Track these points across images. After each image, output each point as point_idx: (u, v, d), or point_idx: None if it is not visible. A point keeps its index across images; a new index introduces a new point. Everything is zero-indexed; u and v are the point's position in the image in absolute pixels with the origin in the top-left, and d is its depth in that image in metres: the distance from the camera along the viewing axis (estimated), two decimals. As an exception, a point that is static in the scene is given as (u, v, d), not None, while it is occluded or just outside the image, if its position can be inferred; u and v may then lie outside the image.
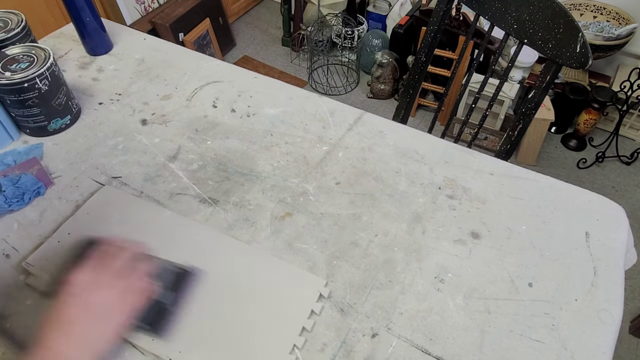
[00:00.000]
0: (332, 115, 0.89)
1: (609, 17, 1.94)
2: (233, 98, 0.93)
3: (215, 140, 0.84)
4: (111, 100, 0.92)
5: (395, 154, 0.82)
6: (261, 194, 0.76)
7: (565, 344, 0.59)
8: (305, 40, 2.36)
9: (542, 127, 1.83)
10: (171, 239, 0.68)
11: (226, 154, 0.82)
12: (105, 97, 0.93)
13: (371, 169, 0.80)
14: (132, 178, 0.78)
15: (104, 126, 0.87)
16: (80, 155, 0.81)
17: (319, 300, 0.63)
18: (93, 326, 0.48)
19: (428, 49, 1.11)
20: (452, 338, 0.60)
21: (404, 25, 2.09)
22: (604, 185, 1.87)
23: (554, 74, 0.93)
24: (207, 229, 0.70)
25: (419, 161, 0.81)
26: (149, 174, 0.79)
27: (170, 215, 0.72)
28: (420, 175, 0.79)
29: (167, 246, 0.67)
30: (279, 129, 0.87)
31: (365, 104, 2.24)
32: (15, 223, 0.71)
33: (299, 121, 0.88)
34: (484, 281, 0.65)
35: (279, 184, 0.77)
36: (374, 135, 0.85)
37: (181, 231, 0.70)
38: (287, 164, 0.81)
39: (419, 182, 0.78)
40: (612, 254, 0.69)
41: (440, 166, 0.80)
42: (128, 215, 0.71)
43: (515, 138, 1.05)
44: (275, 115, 0.89)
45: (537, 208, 0.74)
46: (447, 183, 0.78)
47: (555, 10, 0.89)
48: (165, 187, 0.76)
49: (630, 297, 1.52)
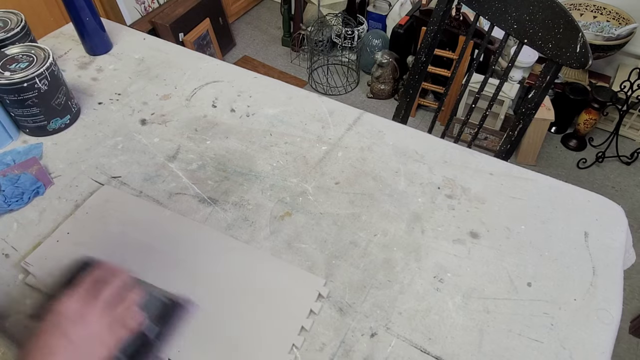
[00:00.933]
0: (331, 115, 0.89)
1: (609, 17, 1.94)
2: (232, 98, 0.93)
3: (214, 140, 0.84)
4: (111, 100, 0.92)
5: (395, 153, 0.82)
6: (260, 193, 0.76)
7: (564, 344, 0.59)
8: (305, 40, 2.37)
9: (542, 127, 1.83)
10: (170, 239, 0.68)
11: (225, 154, 0.82)
12: (105, 97, 0.93)
13: (370, 168, 0.80)
14: (132, 178, 0.78)
15: (103, 126, 0.87)
16: (80, 155, 0.81)
17: (318, 299, 0.63)
18: (74, 359, 0.47)
19: (428, 49, 1.11)
20: (451, 337, 0.60)
21: (404, 25, 2.09)
22: (603, 185, 1.87)
23: (554, 74, 0.93)
24: (206, 229, 0.70)
25: (418, 161, 0.81)
26: (148, 173, 0.79)
27: (170, 215, 0.72)
28: (419, 175, 0.79)
29: (166, 245, 0.67)
30: (278, 129, 0.87)
31: (365, 104, 2.24)
32: (14, 223, 0.71)
33: (299, 121, 0.88)
34: (483, 281, 0.65)
35: (278, 184, 0.77)
36: (373, 135, 0.85)
37: (180, 231, 0.70)
38: (287, 163, 0.81)
39: (419, 182, 0.78)
40: (611, 253, 0.69)
41: (440, 166, 0.80)
42: (127, 215, 0.71)
43: (515, 138, 1.05)
44: (274, 115, 0.89)
45: (536, 208, 0.74)
46: (447, 183, 0.78)
47: (555, 10, 0.89)
48: (165, 187, 0.76)
49: (629, 297, 1.52)
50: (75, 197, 0.75)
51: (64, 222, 0.70)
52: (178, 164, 0.80)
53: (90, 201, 0.73)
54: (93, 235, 0.69)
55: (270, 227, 0.71)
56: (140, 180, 0.77)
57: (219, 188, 0.77)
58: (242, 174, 0.79)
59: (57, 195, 0.75)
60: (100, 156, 0.81)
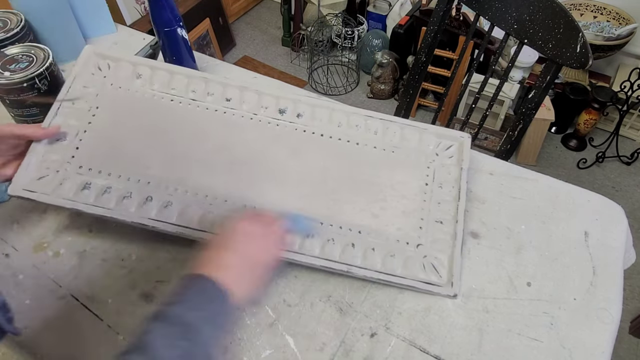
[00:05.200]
0: (331, 115, 0.89)
1: (609, 17, 1.93)
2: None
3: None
4: (111, 100, 0.92)
5: (395, 153, 0.82)
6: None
7: (564, 343, 0.59)
8: (305, 40, 2.37)
9: (542, 127, 1.83)
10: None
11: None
12: (105, 96, 0.93)
13: (370, 168, 0.80)
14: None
15: (103, 126, 0.87)
16: (80, 155, 0.81)
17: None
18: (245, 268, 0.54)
19: (428, 49, 1.11)
20: (451, 337, 0.60)
21: (404, 25, 2.09)
22: (604, 185, 1.87)
23: (554, 74, 0.93)
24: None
25: (418, 161, 0.81)
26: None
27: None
28: (419, 175, 0.79)
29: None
30: (278, 129, 0.86)
31: (365, 104, 2.24)
32: (14, 223, 0.71)
33: (299, 121, 0.88)
34: (482, 281, 0.65)
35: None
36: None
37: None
38: (287, 163, 0.80)
39: (418, 182, 0.78)
40: (611, 253, 0.69)
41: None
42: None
43: (515, 138, 1.05)
44: (274, 115, 0.89)
45: (536, 208, 0.74)
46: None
47: (556, 10, 0.89)
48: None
49: (629, 297, 1.52)
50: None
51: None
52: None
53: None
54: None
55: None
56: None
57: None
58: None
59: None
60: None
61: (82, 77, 0.74)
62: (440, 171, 0.71)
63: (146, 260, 0.67)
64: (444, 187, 0.70)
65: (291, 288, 0.65)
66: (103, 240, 0.69)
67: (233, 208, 0.66)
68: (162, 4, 0.80)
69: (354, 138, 0.73)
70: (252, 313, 0.62)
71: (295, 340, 0.60)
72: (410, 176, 0.70)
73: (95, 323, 0.61)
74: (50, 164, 0.66)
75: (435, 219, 0.67)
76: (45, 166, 0.66)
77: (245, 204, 0.66)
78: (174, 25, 0.82)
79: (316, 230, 0.64)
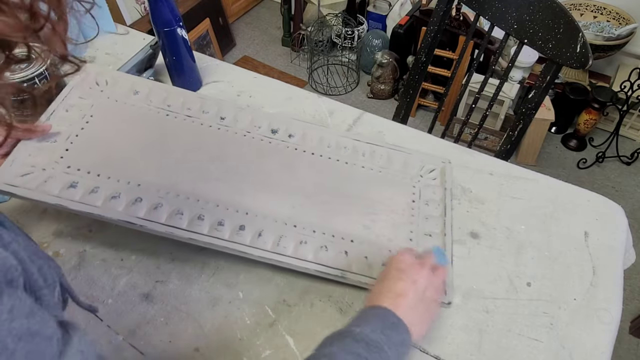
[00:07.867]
0: (331, 115, 0.89)
1: (609, 17, 1.93)
2: (232, 98, 0.93)
3: (214, 140, 0.84)
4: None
5: (395, 153, 0.82)
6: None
7: (564, 343, 0.59)
8: (305, 40, 2.37)
9: (542, 127, 1.83)
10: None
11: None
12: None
13: (370, 168, 0.80)
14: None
15: (103, 126, 0.87)
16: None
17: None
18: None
19: (428, 49, 1.11)
20: (451, 337, 0.60)
21: (404, 25, 2.09)
22: (604, 186, 1.87)
23: (554, 74, 0.93)
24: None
25: (418, 161, 0.81)
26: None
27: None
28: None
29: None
30: (278, 129, 0.86)
31: (365, 104, 2.24)
32: (15, 223, 0.71)
33: (299, 121, 0.88)
34: (482, 281, 0.65)
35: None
36: (373, 136, 0.85)
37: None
38: (287, 163, 0.80)
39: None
40: (611, 253, 0.69)
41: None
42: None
43: (515, 138, 1.05)
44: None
45: (536, 208, 0.74)
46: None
47: (556, 10, 0.89)
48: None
49: (629, 297, 1.52)
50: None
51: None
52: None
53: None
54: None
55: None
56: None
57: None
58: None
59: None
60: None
61: (79, 88, 0.73)
62: (426, 190, 0.73)
63: (146, 260, 0.67)
64: (430, 204, 0.71)
65: (291, 288, 0.65)
66: (103, 240, 0.69)
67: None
68: (162, 4, 0.80)
69: (343, 158, 0.75)
70: (252, 313, 0.62)
71: (295, 340, 0.60)
72: (398, 194, 0.72)
73: (95, 323, 0.61)
74: (36, 161, 0.64)
75: (424, 232, 0.68)
76: (31, 164, 0.64)
77: (238, 209, 0.65)
78: (174, 25, 0.82)
79: (308, 237, 0.64)
